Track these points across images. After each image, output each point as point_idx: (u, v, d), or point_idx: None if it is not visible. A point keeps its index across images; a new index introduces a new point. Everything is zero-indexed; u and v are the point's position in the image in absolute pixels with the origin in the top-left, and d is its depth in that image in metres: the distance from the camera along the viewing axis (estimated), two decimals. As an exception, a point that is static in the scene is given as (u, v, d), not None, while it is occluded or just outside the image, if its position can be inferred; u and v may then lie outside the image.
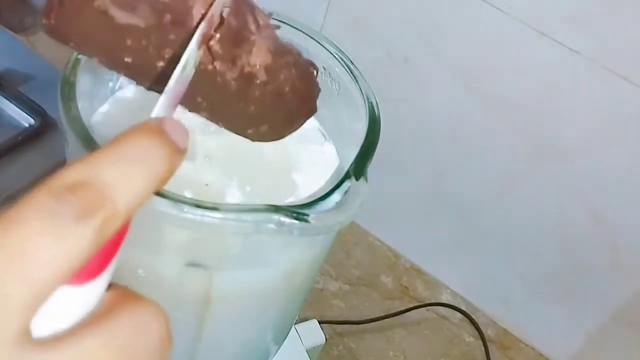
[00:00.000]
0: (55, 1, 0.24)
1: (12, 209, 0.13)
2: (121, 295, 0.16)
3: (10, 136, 0.63)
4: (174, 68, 0.22)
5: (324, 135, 0.41)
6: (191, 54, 0.23)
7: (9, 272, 0.13)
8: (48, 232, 0.13)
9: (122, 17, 0.24)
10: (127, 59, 0.26)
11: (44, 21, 0.25)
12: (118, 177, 0.15)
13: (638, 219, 0.60)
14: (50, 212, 0.13)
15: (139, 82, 0.28)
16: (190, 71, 0.23)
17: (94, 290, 0.16)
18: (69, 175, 0.14)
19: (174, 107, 0.21)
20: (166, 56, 0.25)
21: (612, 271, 0.64)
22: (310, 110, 0.33)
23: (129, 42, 0.25)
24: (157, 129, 0.16)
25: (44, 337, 0.14)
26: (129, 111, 0.37)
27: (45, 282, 0.13)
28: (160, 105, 0.20)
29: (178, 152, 0.16)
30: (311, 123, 0.41)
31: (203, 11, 0.25)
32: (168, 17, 0.25)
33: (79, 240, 0.13)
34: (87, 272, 0.15)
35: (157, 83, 0.27)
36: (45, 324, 0.14)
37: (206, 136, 0.36)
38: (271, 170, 0.37)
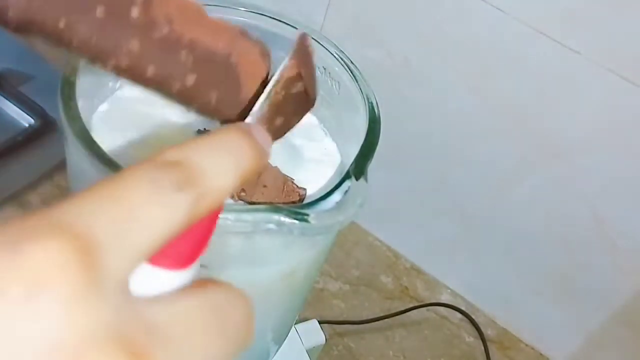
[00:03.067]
0: None
1: (116, 174, 0.15)
2: (210, 279, 0.17)
3: (10, 136, 0.63)
4: None
5: (326, 133, 0.41)
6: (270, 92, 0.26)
7: (121, 219, 0.14)
8: (149, 194, 0.14)
9: None
10: (99, 11, 0.24)
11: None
12: (211, 163, 0.16)
13: (638, 219, 0.60)
14: (153, 179, 0.15)
15: (111, 56, 0.26)
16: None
17: (187, 277, 0.16)
18: (169, 154, 0.16)
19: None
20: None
21: (612, 271, 0.64)
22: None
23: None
24: (247, 130, 0.18)
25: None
26: (129, 110, 0.37)
27: (149, 234, 0.14)
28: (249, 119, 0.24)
29: (263, 153, 0.18)
30: (312, 121, 0.41)
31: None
32: None
33: (176, 209, 0.15)
34: (184, 256, 0.16)
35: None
36: None
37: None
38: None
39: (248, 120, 0.24)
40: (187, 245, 0.16)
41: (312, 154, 0.39)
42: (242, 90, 0.29)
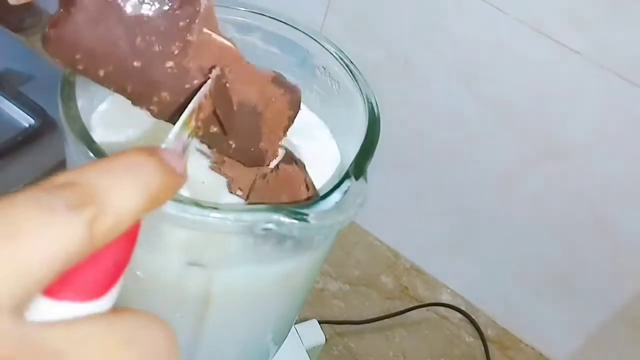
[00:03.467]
0: (64, 12, 0.24)
1: (5, 197, 0.14)
2: (127, 309, 0.16)
3: (10, 136, 0.63)
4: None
5: (325, 133, 0.41)
6: (189, 113, 0.25)
7: (2, 247, 0.13)
8: (40, 217, 0.13)
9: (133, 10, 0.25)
10: (137, 63, 0.26)
11: (48, 36, 0.25)
12: (109, 182, 0.15)
13: (638, 219, 0.60)
14: (42, 203, 0.14)
15: (144, 100, 0.28)
16: (188, 139, 0.24)
17: (102, 308, 0.16)
18: (60, 177, 0.15)
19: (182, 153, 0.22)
20: (175, 51, 0.26)
21: (612, 271, 0.64)
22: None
23: (138, 40, 0.25)
24: (152, 150, 0.17)
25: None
26: (128, 110, 0.37)
27: (37, 261, 0.13)
28: (170, 141, 0.22)
29: (174, 174, 0.17)
30: (312, 121, 0.41)
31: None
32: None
33: (70, 231, 0.14)
34: (93, 288, 0.15)
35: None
36: None
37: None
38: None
39: (170, 138, 0.22)
40: (96, 275, 0.15)
41: (312, 153, 0.39)
42: (261, 140, 0.31)
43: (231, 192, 0.34)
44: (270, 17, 0.39)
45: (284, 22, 0.39)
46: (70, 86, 0.31)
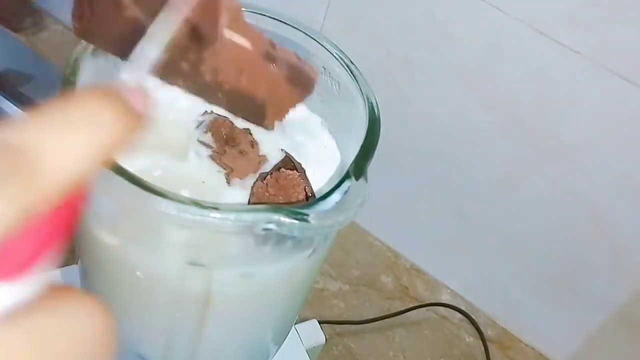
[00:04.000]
0: (87, 9, 0.26)
1: None
2: (54, 290, 0.14)
3: (10, 136, 0.63)
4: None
5: (325, 133, 0.41)
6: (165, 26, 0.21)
7: None
8: None
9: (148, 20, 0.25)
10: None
11: (75, 24, 0.26)
12: (50, 141, 0.13)
13: (638, 219, 0.60)
14: None
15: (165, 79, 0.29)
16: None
17: (25, 289, 0.13)
18: None
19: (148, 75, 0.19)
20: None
21: (612, 271, 0.64)
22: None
23: None
24: (110, 94, 0.14)
25: None
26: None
27: None
28: (130, 70, 0.18)
29: (133, 115, 0.14)
30: (312, 120, 0.41)
31: None
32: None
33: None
34: (14, 264, 0.13)
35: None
36: None
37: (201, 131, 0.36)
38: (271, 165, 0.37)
39: (129, 67, 0.18)
40: (20, 249, 0.13)
41: (312, 153, 0.39)
42: (259, 93, 0.30)
43: (229, 183, 0.34)
44: (270, 17, 0.39)
45: (284, 22, 0.39)
46: (70, 86, 0.31)
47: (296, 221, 0.28)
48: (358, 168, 0.31)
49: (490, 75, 0.60)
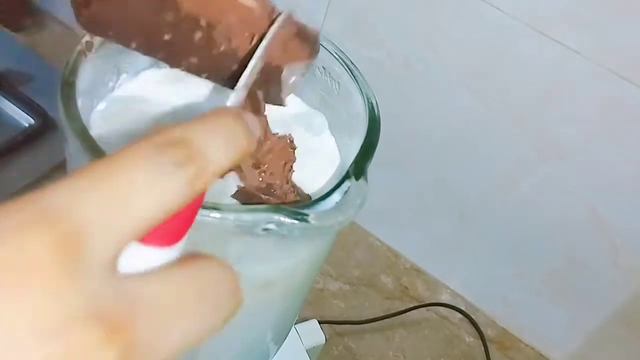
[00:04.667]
0: None
1: (115, 154, 0.15)
2: (195, 254, 0.17)
3: (10, 136, 0.64)
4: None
5: (325, 132, 0.41)
6: (258, 60, 0.28)
7: (112, 203, 0.14)
8: (147, 173, 0.15)
9: None
10: (167, 37, 0.28)
11: (81, 14, 0.27)
12: (209, 142, 0.16)
13: (638, 219, 0.60)
14: (151, 159, 0.15)
15: (175, 64, 0.30)
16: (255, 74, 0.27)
17: (175, 254, 0.17)
18: (168, 132, 0.16)
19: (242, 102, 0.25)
20: (203, 24, 0.28)
21: (612, 271, 0.64)
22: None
23: (169, 16, 0.27)
24: (239, 113, 0.18)
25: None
26: (127, 108, 0.37)
27: (141, 217, 0.14)
28: (234, 97, 0.25)
29: (253, 138, 0.18)
30: (312, 120, 0.41)
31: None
32: None
33: (173, 187, 0.15)
34: (172, 234, 0.16)
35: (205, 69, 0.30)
36: None
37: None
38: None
39: (233, 95, 0.25)
40: (176, 223, 0.16)
41: (313, 151, 0.39)
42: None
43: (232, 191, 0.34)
44: (270, 17, 0.39)
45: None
46: (70, 86, 0.31)
47: (296, 221, 0.28)
48: (358, 168, 0.31)
49: (490, 75, 0.60)
